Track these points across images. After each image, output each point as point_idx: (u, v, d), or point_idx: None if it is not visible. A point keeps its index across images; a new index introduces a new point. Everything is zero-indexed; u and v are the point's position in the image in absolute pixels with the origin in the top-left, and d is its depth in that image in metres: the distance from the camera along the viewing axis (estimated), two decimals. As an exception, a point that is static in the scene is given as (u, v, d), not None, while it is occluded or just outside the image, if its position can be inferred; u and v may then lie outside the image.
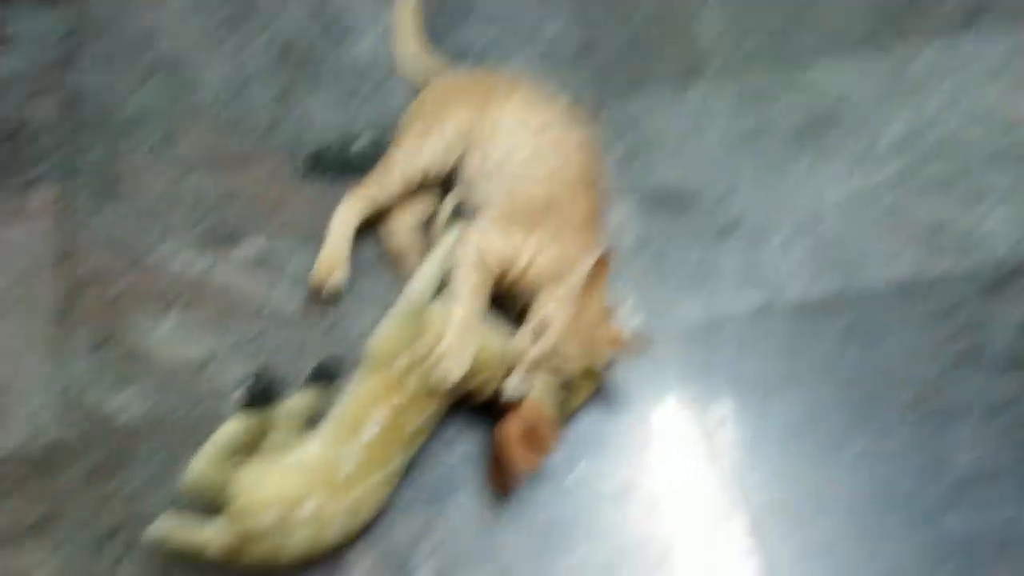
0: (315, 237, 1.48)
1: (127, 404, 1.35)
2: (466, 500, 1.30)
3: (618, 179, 1.56)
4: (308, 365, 1.36)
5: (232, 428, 1.10)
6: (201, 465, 1.09)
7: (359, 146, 1.55)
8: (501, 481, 1.28)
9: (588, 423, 1.36)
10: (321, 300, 1.43)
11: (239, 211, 1.53)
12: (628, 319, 1.44)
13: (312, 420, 1.22)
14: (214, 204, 1.54)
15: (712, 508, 1.30)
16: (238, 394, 1.10)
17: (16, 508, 1.28)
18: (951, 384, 1.40)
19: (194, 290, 1.45)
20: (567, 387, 1.27)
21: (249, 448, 1.14)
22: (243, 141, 1.60)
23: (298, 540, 1.15)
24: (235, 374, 1.37)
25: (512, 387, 1.22)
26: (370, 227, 1.50)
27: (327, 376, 1.22)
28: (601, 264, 1.25)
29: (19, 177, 1.56)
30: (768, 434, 1.36)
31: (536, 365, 1.25)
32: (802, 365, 1.41)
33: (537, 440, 1.23)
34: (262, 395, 1.11)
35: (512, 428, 1.23)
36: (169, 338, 1.41)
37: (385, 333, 1.24)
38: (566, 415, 1.30)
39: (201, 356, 1.40)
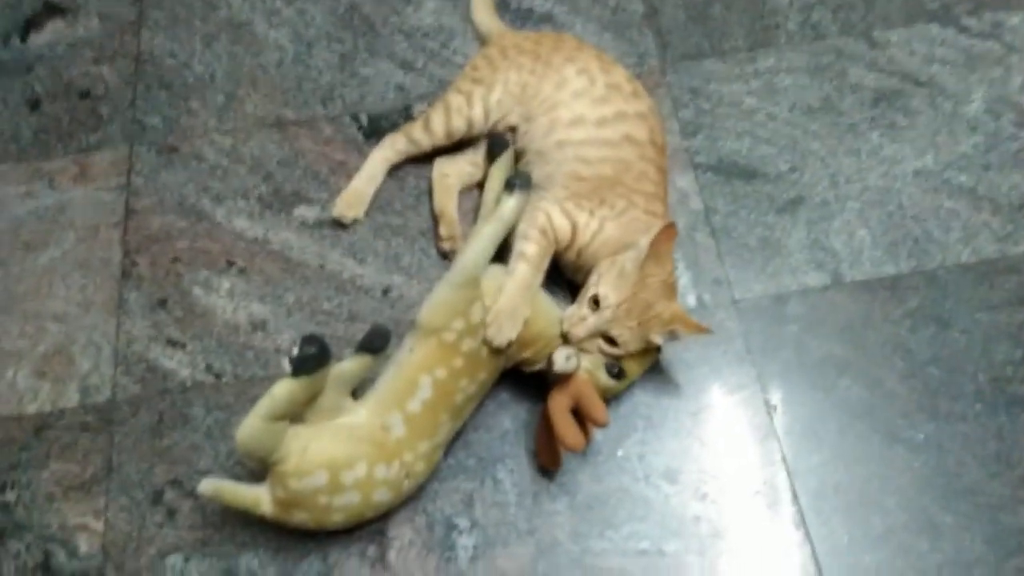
0: (374, 200, 1.49)
1: (184, 362, 1.38)
2: (509, 474, 1.29)
3: (681, 150, 1.52)
4: (360, 330, 1.37)
5: (281, 391, 1.11)
6: (250, 427, 1.10)
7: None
8: (547, 456, 1.27)
9: (640, 398, 1.33)
10: (338, 226, 1.49)
11: (300, 174, 1.54)
12: (688, 294, 1.40)
13: (361, 386, 1.22)
14: (275, 166, 1.55)
15: (764, 492, 1.27)
16: (288, 358, 1.10)
17: (75, 461, 1.32)
18: (1027, 372, 1.33)
19: (253, 252, 1.47)
20: (620, 362, 1.24)
21: (298, 411, 1.15)
22: (305, 104, 1.61)
23: (345, 504, 1.15)
24: (290, 336, 1.39)
25: (562, 360, 1.20)
26: (421, 199, 1.49)
27: (377, 343, 1.21)
28: (663, 238, 1.21)
29: (87, 138, 1.59)
30: (827, 417, 1.31)
31: (589, 339, 1.23)
32: (868, 346, 1.36)
33: (586, 416, 1.21)
34: (312, 359, 1.11)
35: (561, 402, 1.21)
36: (227, 298, 1.43)
37: (438, 300, 1.22)
38: (618, 391, 1.27)
39: (257, 317, 1.41)
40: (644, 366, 1.28)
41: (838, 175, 1.49)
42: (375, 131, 1.56)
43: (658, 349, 1.28)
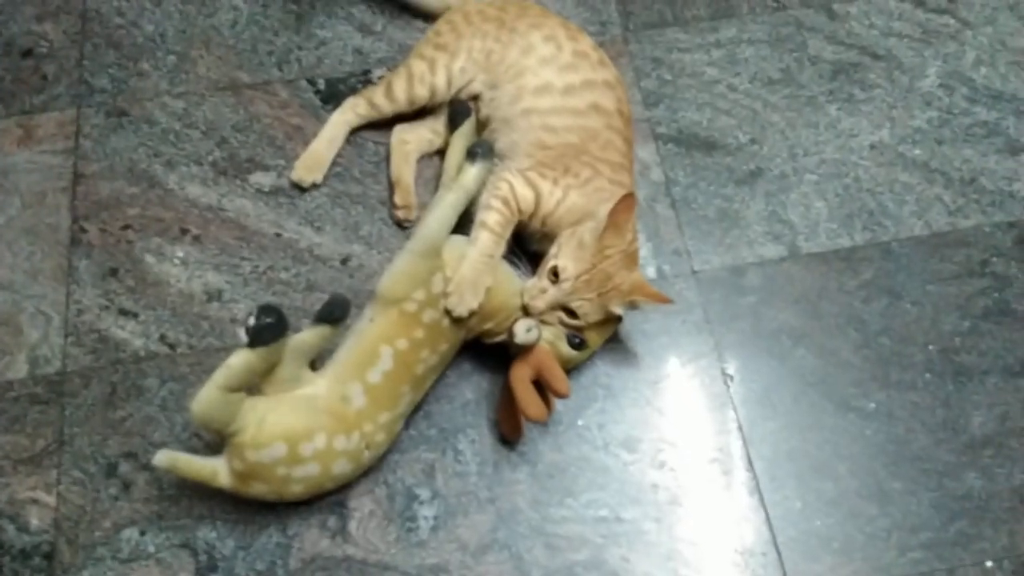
0: (332, 167, 1.47)
1: (137, 332, 1.35)
2: (470, 444, 1.29)
3: (642, 120, 1.52)
4: (318, 300, 1.35)
5: (237, 362, 1.09)
6: (205, 397, 1.08)
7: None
8: (509, 426, 1.27)
9: (600, 368, 1.34)
10: (296, 190, 1.47)
11: (254, 139, 1.50)
12: (648, 265, 1.41)
13: (320, 357, 1.21)
14: (230, 131, 1.51)
15: (720, 459, 1.29)
16: (245, 328, 1.08)
17: (25, 434, 1.28)
18: (974, 342, 1.37)
19: (207, 219, 1.44)
20: (581, 332, 1.25)
21: (255, 382, 1.13)
22: (260, 67, 1.57)
23: (304, 475, 1.15)
24: (245, 305, 1.37)
25: (522, 332, 1.20)
26: (381, 166, 1.47)
27: (336, 313, 1.19)
28: (621, 208, 1.21)
29: (31, 99, 1.53)
30: (782, 386, 1.34)
31: (549, 311, 1.23)
32: (823, 317, 1.38)
33: (548, 386, 1.21)
34: (269, 330, 1.09)
35: (523, 374, 1.21)
36: (180, 267, 1.40)
37: (398, 270, 1.21)
38: (579, 361, 1.28)
39: (212, 286, 1.39)
40: (605, 336, 1.29)
41: (796, 147, 1.51)
42: (332, 96, 1.53)
43: (619, 319, 1.28)
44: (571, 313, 1.22)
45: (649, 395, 1.33)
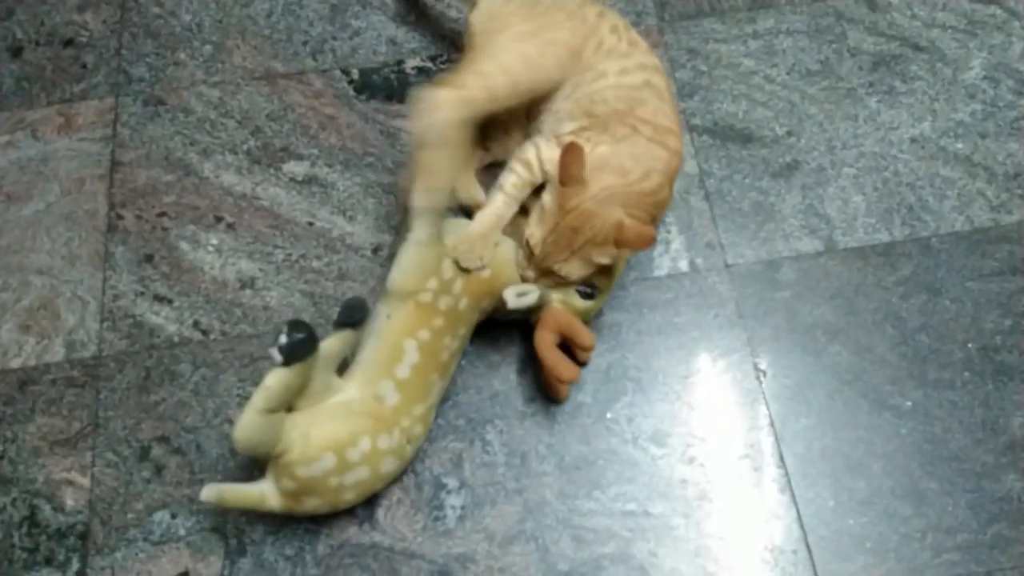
0: (364, 157, 1.47)
1: (171, 318, 1.37)
2: (498, 435, 1.29)
3: (678, 111, 1.50)
4: (349, 289, 1.36)
5: (275, 382, 1.07)
6: (248, 422, 1.07)
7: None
8: (552, 390, 1.28)
9: (630, 361, 1.33)
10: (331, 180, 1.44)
11: (289, 128, 1.51)
12: (680, 258, 1.39)
13: (342, 363, 1.20)
14: (264, 120, 1.52)
15: (751, 456, 1.27)
16: (277, 347, 1.07)
17: (61, 416, 1.31)
18: (1016, 340, 1.33)
19: (241, 207, 1.45)
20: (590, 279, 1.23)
21: (292, 400, 1.12)
22: (295, 56, 1.57)
23: (356, 480, 1.14)
24: (278, 293, 1.38)
25: (512, 298, 1.19)
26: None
27: (357, 316, 1.18)
28: (566, 157, 1.15)
29: (71, 87, 1.55)
30: (816, 382, 1.32)
31: (540, 278, 1.22)
32: (859, 313, 1.36)
33: (572, 343, 1.21)
34: (303, 344, 1.08)
35: (546, 339, 1.21)
36: (215, 254, 1.41)
37: (406, 264, 1.19)
38: (597, 308, 1.27)
39: (246, 274, 1.40)
40: (615, 276, 1.27)
41: (834, 140, 1.48)
42: (366, 86, 1.53)
43: (620, 261, 1.25)
44: (557, 273, 1.20)
45: (679, 389, 1.32)
